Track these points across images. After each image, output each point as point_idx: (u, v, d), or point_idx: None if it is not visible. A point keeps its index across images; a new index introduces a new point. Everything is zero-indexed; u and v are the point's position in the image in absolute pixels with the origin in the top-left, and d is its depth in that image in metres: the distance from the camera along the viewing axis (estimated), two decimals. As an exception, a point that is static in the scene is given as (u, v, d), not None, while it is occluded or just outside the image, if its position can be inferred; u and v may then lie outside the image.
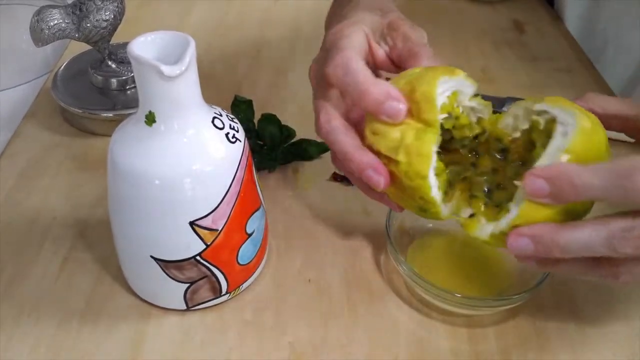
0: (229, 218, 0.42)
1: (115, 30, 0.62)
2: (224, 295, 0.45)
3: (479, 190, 0.42)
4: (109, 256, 0.49)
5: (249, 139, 0.45)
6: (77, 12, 0.60)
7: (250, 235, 0.44)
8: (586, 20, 0.80)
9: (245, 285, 0.47)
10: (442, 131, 0.40)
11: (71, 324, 0.45)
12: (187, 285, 0.44)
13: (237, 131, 0.43)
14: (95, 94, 0.64)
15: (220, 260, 0.43)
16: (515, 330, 0.45)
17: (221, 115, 0.42)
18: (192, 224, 0.41)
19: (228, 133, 0.42)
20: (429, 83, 0.39)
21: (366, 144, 0.42)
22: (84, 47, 0.65)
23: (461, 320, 0.46)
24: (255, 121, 0.60)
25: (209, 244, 0.42)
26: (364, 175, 0.41)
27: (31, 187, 0.57)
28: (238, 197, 0.42)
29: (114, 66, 0.64)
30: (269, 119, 0.60)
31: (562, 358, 0.44)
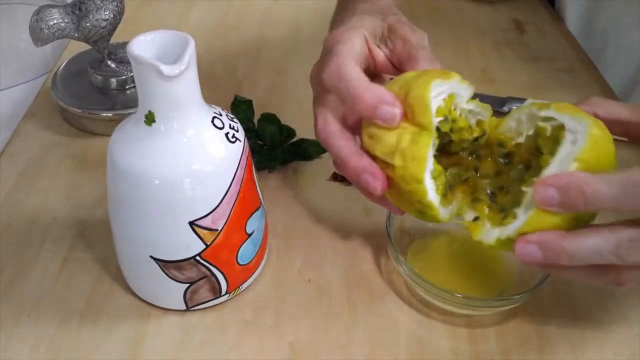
0: (228, 218, 0.42)
1: (115, 29, 0.62)
2: (224, 295, 0.45)
3: (482, 194, 0.42)
4: (108, 256, 0.49)
5: (249, 138, 0.45)
6: (77, 12, 0.59)
7: (250, 235, 0.44)
8: (587, 20, 0.80)
9: (245, 286, 0.47)
10: (440, 134, 0.40)
11: (71, 324, 0.45)
12: (187, 285, 0.44)
13: (237, 131, 0.43)
14: (94, 93, 0.64)
15: (220, 260, 0.43)
16: (515, 331, 0.45)
17: (221, 115, 0.42)
18: (191, 224, 0.41)
19: (228, 133, 0.42)
20: (422, 87, 0.39)
21: (363, 148, 0.42)
22: (83, 46, 0.65)
23: (461, 321, 0.46)
24: (255, 121, 0.60)
25: (208, 244, 0.42)
26: (361, 179, 0.41)
27: (31, 187, 0.57)
28: (238, 197, 0.42)
29: (113, 66, 0.64)
30: (269, 119, 0.60)
31: (562, 358, 0.43)
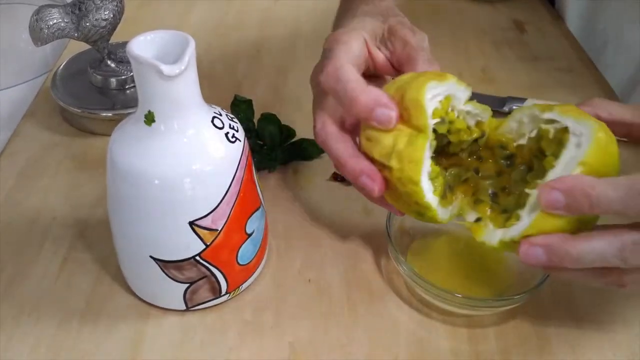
0: (228, 218, 0.42)
1: (115, 29, 0.62)
2: (224, 295, 0.45)
3: (484, 195, 0.42)
4: (108, 256, 0.49)
5: (249, 138, 0.45)
6: (77, 12, 0.59)
7: (250, 235, 0.44)
8: (587, 20, 0.80)
9: (245, 286, 0.47)
10: (437, 136, 0.40)
11: (71, 324, 0.45)
12: (187, 285, 0.44)
13: (237, 131, 0.43)
14: (94, 93, 0.64)
15: (220, 260, 0.43)
16: (515, 331, 0.45)
17: (221, 115, 0.42)
18: (191, 224, 0.41)
19: (228, 133, 0.42)
20: (417, 89, 0.39)
21: (362, 150, 0.42)
22: (83, 46, 0.65)
23: (461, 321, 0.46)
24: (255, 121, 0.60)
25: (208, 244, 0.42)
26: (359, 181, 0.41)
27: (31, 187, 0.57)
28: (238, 197, 0.42)
29: (113, 65, 0.64)
30: (269, 119, 0.60)
31: (562, 358, 0.43)
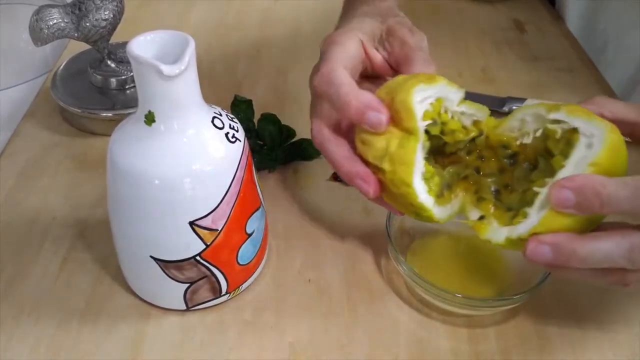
0: (228, 218, 0.42)
1: (115, 29, 0.62)
2: (224, 295, 0.45)
3: (486, 192, 0.42)
4: (108, 256, 0.49)
5: (249, 138, 0.45)
6: (77, 12, 0.59)
7: (250, 235, 0.44)
8: (587, 20, 0.80)
9: (245, 286, 0.47)
10: (431, 137, 0.41)
11: (71, 324, 0.45)
12: (187, 285, 0.44)
13: (237, 131, 0.43)
14: (94, 93, 0.64)
15: (220, 260, 0.43)
16: (515, 331, 0.45)
17: (221, 115, 0.42)
18: (191, 224, 0.41)
19: (228, 133, 0.42)
20: (405, 92, 0.40)
21: (357, 153, 0.42)
22: (83, 46, 0.65)
23: (461, 321, 0.46)
24: (255, 121, 0.60)
25: (208, 244, 0.42)
26: (354, 184, 0.42)
27: (31, 187, 0.57)
28: (238, 197, 0.42)
29: (113, 66, 0.64)
30: (269, 119, 0.60)
31: (562, 358, 0.43)
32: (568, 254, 0.36)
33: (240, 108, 0.61)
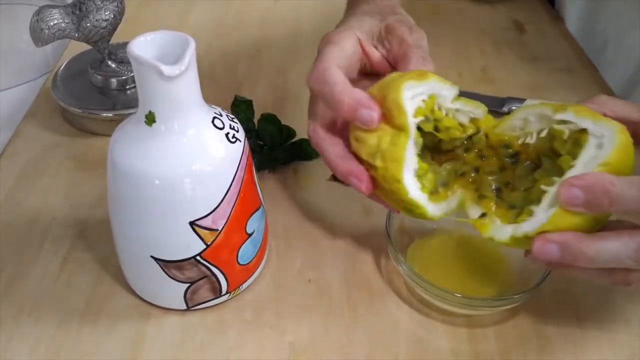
0: (229, 218, 0.42)
1: (115, 30, 0.62)
2: (224, 295, 0.45)
3: (487, 190, 0.42)
4: (108, 256, 0.49)
5: (249, 139, 0.45)
6: (77, 12, 0.60)
7: (250, 235, 0.44)
8: (586, 20, 0.80)
9: (245, 285, 0.47)
10: (425, 134, 0.41)
11: (71, 324, 0.45)
12: (187, 285, 0.44)
13: (237, 131, 0.43)
14: (95, 93, 0.64)
15: (220, 260, 0.43)
16: (515, 330, 0.45)
17: (221, 115, 0.42)
18: (192, 224, 0.41)
19: (228, 133, 0.42)
20: (395, 89, 0.40)
21: (352, 150, 0.43)
22: (83, 47, 0.65)
23: (461, 320, 0.46)
24: (255, 121, 0.60)
25: (209, 244, 0.42)
26: (348, 182, 0.42)
27: (31, 187, 0.57)
28: (238, 197, 0.42)
29: (113, 66, 0.64)
30: (269, 119, 0.60)
31: (562, 358, 0.44)
32: (576, 253, 0.35)
33: (241, 108, 0.61)
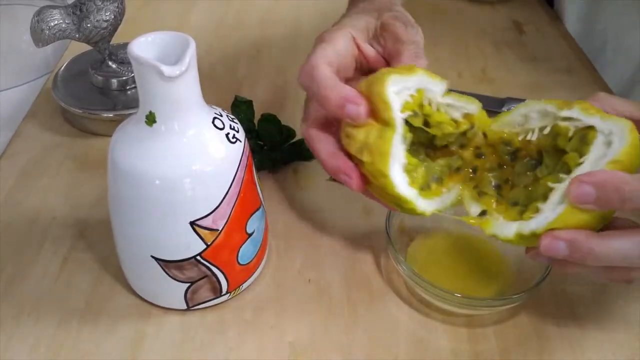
0: (229, 218, 0.42)
1: (116, 30, 0.62)
2: (224, 295, 0.46)
3: (487, 187, 0.42)
4: (108, 256, 0.49)
5: (249, 139, 0.45)
6: (78, 13, 0.60)
7: (250, 235, 0.45)
8: (585, 21, 0.80)
9: (245, 285, 0.47)
10: (413, 129, 0.40)
11: (71, 324, 0.45)
12: (188, 285, 0.44)
13: (238, 131, 0.43)
14: (95, 94, 0.64)
15: (220, 260, 0.43)
16: (515, 330, 0.45)
17: (221, 116, 0.42)
18: (192, 224, 0.41)
19: (228, 133, 0.42)
20: (380, 83, 0.40)
21: (343, 147, 0.43)
22: (84, 47, 0.65)
23: (461, 320, 0.46)
24: (256, 121, 0.60)
25: (209, 244, 0.42)
26: (339, 179, 0.42)
27: (31, 187, 0.57)
28: (238, 197, 0.42)
29: (114, 66, 0.64)
30: (269, 119, 0.60)
31: (562, 358, 0.44)
32: (585, 251, 0.35)
33: (241, 109, 0.61)
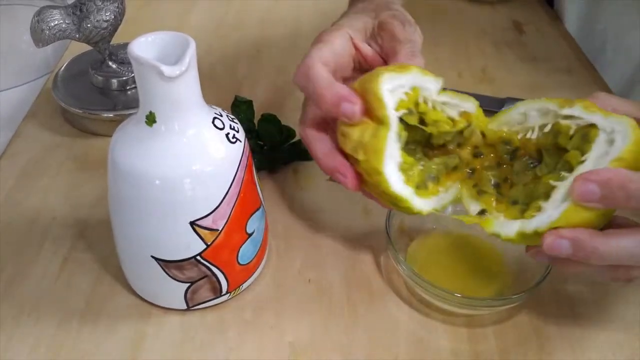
0: (229, 218, 0.42)
1: (116, 30, 0.62)
2: (224, 295, 0.46)
3: (486, 186, 0.42)
4: (109, 256, 0.49)
5: (249, 139, 0.45)
6: (78, 13, 0.60)
7: (250, 235, 0.45)
8: (585, 21, 0.80)
9: (245, 285, 0.47)
10: (409, 127, 0.40)
11: (71, 324, 0.45)
12: (188, 285, 0.44)
13: (238, 131, 0.43)
14: (95, 94, 0.64)
15: (220, 260, 0.43)
16: (514, 330, 0.45)
17: (221, 116, 0.42)
18: (192, 224, 0.41)
19: (228, 133, 0.42)
20: (373, 81, 0.40)
21: (339, 146, 0.43)
22: (84, 47, 0.65)
23: (461, 320, 0.46)
24: (256, 121, 0.60)
25: (209, 244, 0.42)
26: (335, 178, 0.42)
27: (31, 187, 0.57)
28: (238, 197, 0.42)
29: (114, 66, 0.64)
30: (269, 119, 0.60)
31: (562, 358, 0.44)
32: (589, 250, 0.35)
33: (241, 109, 0.61)
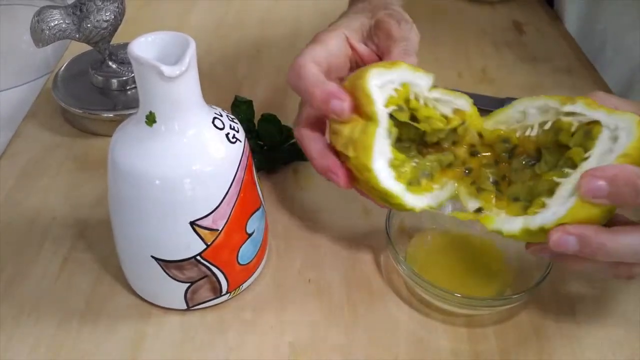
0: (229, 218, 0.42)
1: (116, 30, 0.62)
2: (224, 295, 0.46)
3: (485, 183, 0.42)
4: (109, 256, 0.49)
5: (249, 139, 0.45)
6: (78, 13, 0.60)
7: (250, 235, 0.45)
8: (585, 21, 0.81)
9: (245, 285, 0.47)
10: (399, 123, 0.40)
11: (71, 324, 0.45)
12: (188, 285, 0.44)
13: (238, 131, 0.43)
14: (95, 94, 0.64)
15: (220, 260, 0.43)
16: (515, 330, 0.45)
17: (221, 116, 0.42)
18: (192, 224, 0.41)
19: (228, 133, 0.42)
20: (362, 78, 0.40)
21: (330, 145, 0.43)
22: (84, 47, 0.65)
23: (461, 320, 0.46)
24: (256, 121, 0.61)
25: (209, 244, 0.42)
26: (327, 177, 0.42)
27: (31, 187, 0.57)
28: (238, 197, 0.42)
29: (114, 66, 0.64)
30: (269, 119, 0.60)
31: (562, 358, 0.44)
32: (595, 246, 0.35)
33: (241, 109, 0.61)
